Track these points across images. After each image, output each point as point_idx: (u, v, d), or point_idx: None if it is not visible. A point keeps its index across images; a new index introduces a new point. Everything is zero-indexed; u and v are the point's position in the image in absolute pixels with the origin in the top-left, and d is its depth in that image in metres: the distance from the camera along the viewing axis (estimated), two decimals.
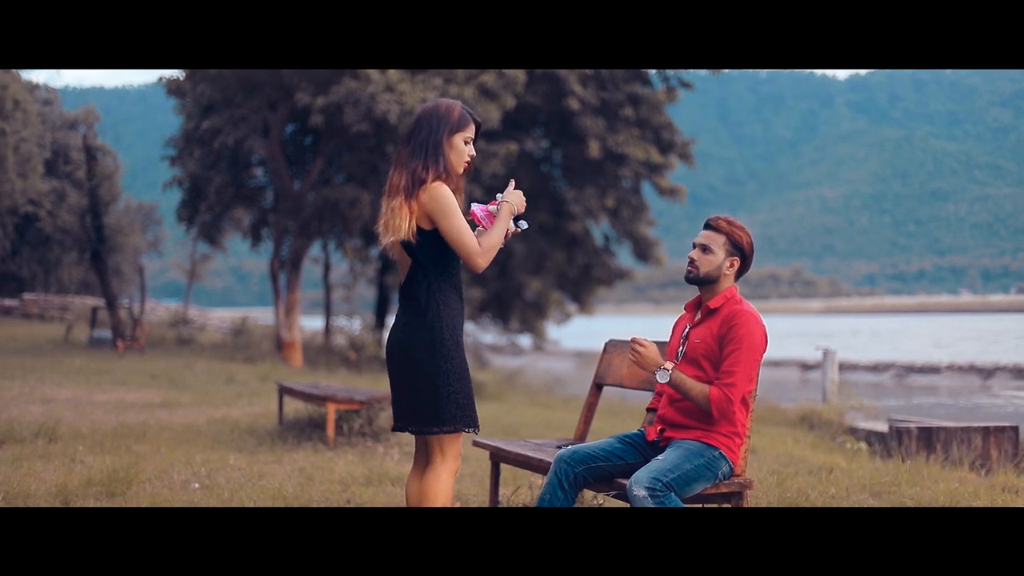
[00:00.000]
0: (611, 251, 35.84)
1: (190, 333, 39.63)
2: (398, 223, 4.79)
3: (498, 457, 6.31)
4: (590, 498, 6.71)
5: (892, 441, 11.70)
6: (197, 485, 7.94)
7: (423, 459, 5.07)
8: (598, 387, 6.71)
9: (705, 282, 5.39)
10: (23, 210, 61.64)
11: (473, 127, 5.02)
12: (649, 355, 5.23)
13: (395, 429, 5.02)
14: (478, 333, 39.49)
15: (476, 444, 6.51)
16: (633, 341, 5.34)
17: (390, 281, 36.17)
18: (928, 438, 11.20)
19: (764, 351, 5.26)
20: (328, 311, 42.41)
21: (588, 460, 5.31)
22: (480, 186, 29.63)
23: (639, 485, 4.86)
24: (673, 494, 4.89)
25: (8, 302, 75.26)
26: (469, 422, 4.89)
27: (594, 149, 29.95)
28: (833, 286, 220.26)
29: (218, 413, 13.56)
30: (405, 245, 4.87)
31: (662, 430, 5.37)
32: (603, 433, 10.37)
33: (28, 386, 17.31)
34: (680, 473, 4.99)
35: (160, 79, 32.45)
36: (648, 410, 5.88)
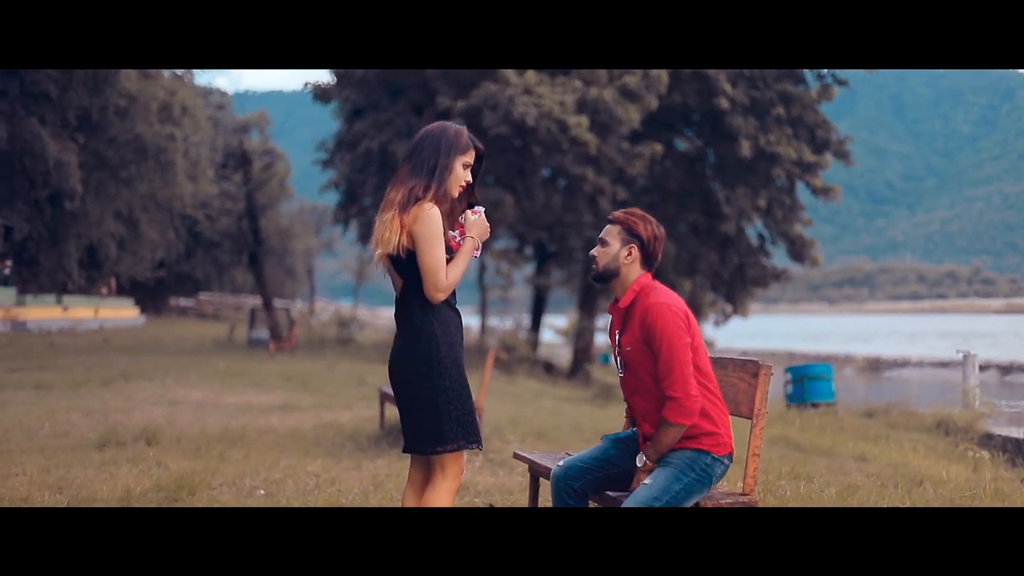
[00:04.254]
0: (766, 251, 35.35)
1: (349, 333, 40.17)
2: (388, 236, 4.79)
3: (535, 471, 6.28)
4: None
5: None
6: (263, 492, 8.04)
7: (419, 475, 5.06)
8: None
9: (608, 277, 5.22)
10: (192, 214, 63.32)
11: (474, 153, 5.04)
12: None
13: (404, 450, 5.02)
14: None
15: (516, 456, 6.49)
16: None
17: (543, 282, 36.29)
18: None
19: (689, 329, 5.04)
20: (483, 311, 42.71)
21: (584, 473, 5.27)
22: (625, 189, 29.56)
23: None
24: None
25: (184, 302, 77.54)
26: (471, 439, 4.87)
27: (745, 148, 29.63)
28: (1014, 284, 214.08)
29: (329, 417, 13.75)
30: (395, 262, 4.87)
31: (646, 439, 5.27)
32: None
33: (164, 387, 17.82)
34: (670, 496, 4.90)
35: (306, 85, 33.05)
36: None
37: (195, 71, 55.12)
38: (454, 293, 4.96)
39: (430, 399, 4.80)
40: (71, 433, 11.46)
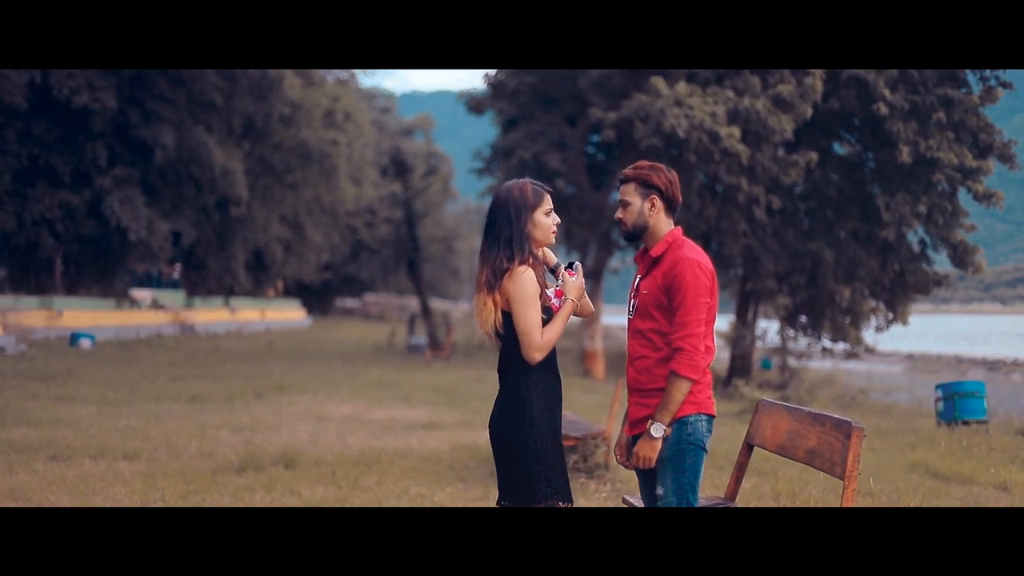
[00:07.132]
0: (928, 257, 34.61)
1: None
2: (485, 317, 4.97)
3: None
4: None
5: None
6: None
7: None
8: (749, 447, 6.59)
9: (639, 233, 5.30)
10: (351, 222, 64.32)
11: (549, 197, 5.12)
12: (647, 453, 5.18)
13: (497, 501, 5.18)
14: (788, 341, 38.57)
15: (624, 501, 6.54)
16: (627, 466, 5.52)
17: None
18: None
19: (712, 291, 5.16)
20: None
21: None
22: (780, 196, 29.30)
23: None
24: None
25: (350, 303, 78.71)
26: (561, 497, 4.99)
27: (904, 154, 29.08)
28: None
29: (469, 437, 13.86)
30: (495, 332, 5.02)
31: (632, 388, 5.40)
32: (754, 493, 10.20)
33: (315, 401, 18.17)
34: (683, 496, 5.12)
35: (460, 95, 33.42)
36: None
37: (359, 74, 56.04)
38: (555, 357, 5.09)
39: (522, 459, 4.95)
40: (216, 454, 11.77)
